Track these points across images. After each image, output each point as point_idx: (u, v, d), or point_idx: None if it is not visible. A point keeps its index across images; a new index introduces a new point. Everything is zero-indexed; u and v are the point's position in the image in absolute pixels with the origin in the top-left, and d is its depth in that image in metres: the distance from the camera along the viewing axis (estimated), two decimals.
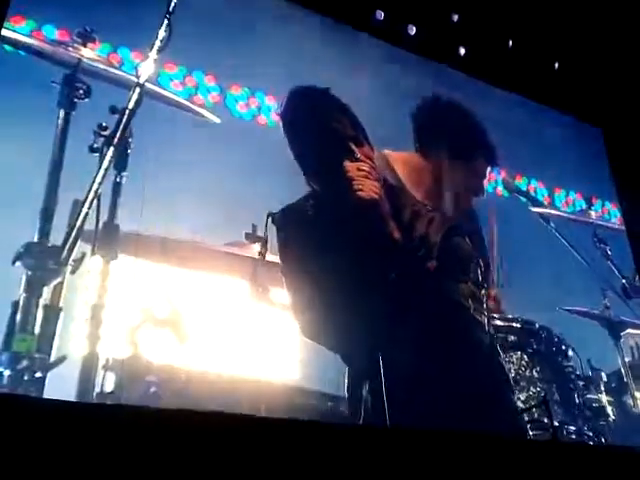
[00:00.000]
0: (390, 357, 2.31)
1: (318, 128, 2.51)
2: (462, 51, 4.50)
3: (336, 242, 2.37)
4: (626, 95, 4.39)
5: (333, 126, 2.49)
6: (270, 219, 2.51)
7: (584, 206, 4.75)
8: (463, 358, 2.41)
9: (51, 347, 2.12)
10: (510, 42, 4.59)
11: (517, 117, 4.50)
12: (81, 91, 2.58)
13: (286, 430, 1.43)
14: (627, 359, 3.92)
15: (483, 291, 2.54)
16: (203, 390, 2.40)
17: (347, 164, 2.42)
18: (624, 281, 3.98)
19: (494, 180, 4.47)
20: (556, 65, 4.62)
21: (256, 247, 2.75)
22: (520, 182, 4.51)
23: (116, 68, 2.85)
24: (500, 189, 4.53)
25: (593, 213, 4.21)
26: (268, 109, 3.76)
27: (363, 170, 2.41)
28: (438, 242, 2.44)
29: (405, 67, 4.43)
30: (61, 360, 2.13)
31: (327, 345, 2.49)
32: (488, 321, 2.53)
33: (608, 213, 4.83)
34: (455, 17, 4.20)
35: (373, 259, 2.34)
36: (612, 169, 4.65)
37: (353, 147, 2.48)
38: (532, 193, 4.60)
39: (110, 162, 2.44)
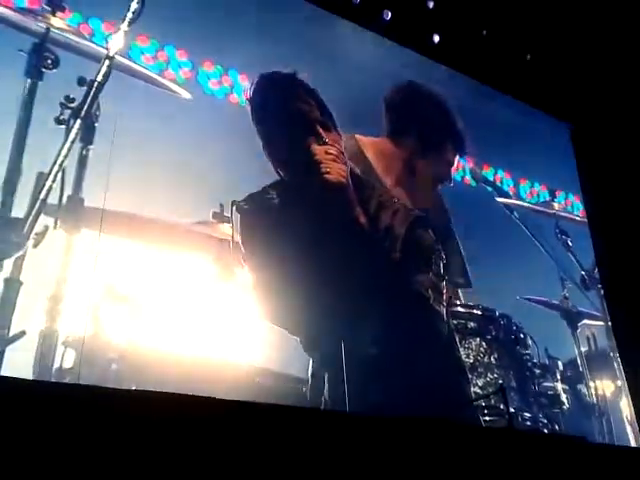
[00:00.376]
0: (351, 344, 2.34)
1: (286, 112, 2.51)
2: (436, 39, 4.50)
3: (301, 228, 2.37)
4: (595, 91, 4.45)
5: (301, 109, 2.50)
6: (234, 207, 2.51)
7: (547, 197, 4.82)
8: (422, 348, 2.44)
9: (10, 321, 2.09)
10: (484, 32, 4.61)
11: (486, 107, 4.54)
12: (49, 61, 2.52)
13: (247, 413, 1.43)
14: (583, 349, 4.02)
15: (444, 283, 2.57)
16: (165, 369, 2.39)
17: (315, 147, 2.43)
18: (583, 273, 4.07)
19: (462, 169, 4.52)
20: (528, 57, 4.66)
21: (223, 227, 2.74)
22: (487, 172, 4.56)
23: (86, 39, 2.78)
24: (468, 178, 4.57)
25: (556, 205, 4.27)
26: (241, 88, 3.71)
27: (331, 153, 2.42)
28: (402, 234, 2.46)
29: (379, 51, 4.42)
30: (20, 335, 2.10)
31: (290, 330, 2.50)
32: (447, 312, 2.57)
33: (571, 205, 4.92)
34: (431, 4, 4.20)
35: (338, 245, 2.35)
36: (577, 162, 4.72)
37: (320, 130, 2.49)
38: (498, 183, 4.66)
39: (76, 135, 2.41)
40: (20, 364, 2.09)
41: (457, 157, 3.70)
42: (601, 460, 1.81)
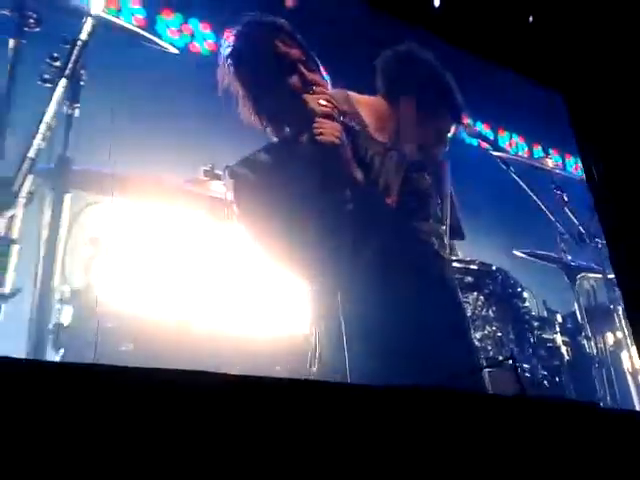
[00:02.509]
0: (351, 295, 2.33)
1: (268, 59, 2.47)
2: (437, 2, 4.44)
3: (297, 188, 2.35)
4: (584, 56, 4.42)
5: (279, 51, 2.46)
6: (228, 171, 2.49)
7: (542, 154, 4.80)
8: (430, 294, 2.43)
9: (5, 279, 2.08)
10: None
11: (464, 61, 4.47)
12: (31, 20, 2.48)
13: (242, 386, 1.40)
14: (582, 302, 4.02)
15: (443, 227, 2.55)
16: (164, 328, 2.39)
17: (306, 97, 2.39)
18: (580, 227, 4.06)
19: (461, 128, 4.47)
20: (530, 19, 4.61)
21: (215, 184, 2.72)
22: (504, 136, 4.53)
23: None
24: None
25: (550, 162, 4.26)
26: (202, 37, 3.59)
27: (323, 106, 2.38)
28: (399, 180, 2.44)
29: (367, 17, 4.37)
30: (15, 292, 2.09)
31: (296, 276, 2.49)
32: (450, 257, 2.55)
33: (550, 158, 4.91)
34: None
35: (335, 203, 2.33)
36: (571, 121, 4.70)
37: (303, 71, 2.44)
38: (514, 148, 4.64)
39: (62, 94, 2.38)
40: (16, 322, 2.08)
41: (453, 124, 3.68)
42: (614, 426, 1.79)
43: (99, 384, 1.24)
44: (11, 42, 2.44)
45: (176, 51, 2.75)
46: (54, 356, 2.15)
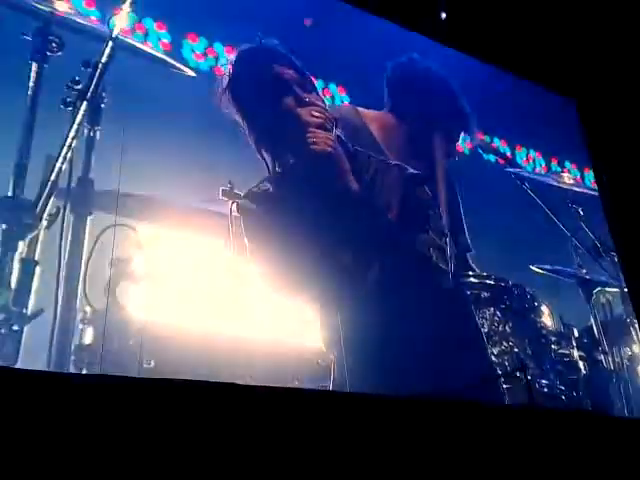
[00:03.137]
0: (353, 311, 2.35)
1: (260, 81, 2.51)
2: (443, 16, 4.47)
3: (298, 206, 2.38)
4: (596, 64, 4.43)
5: (275, 73, 2.50)
6: (235, 207, 2.55)
7: (559, 169, 4.80)
8: (429, 307, 2.44)
9: (27, 300, 2.12)
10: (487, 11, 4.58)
11: (481, 77, 4.49)
12: (54, 44, 2.54)
13: (260, 397, 1.42)
14: (599, 316, 4.00)
15: (446, 239, 2.56)
16: (183, 344, 2.42)
17: (299, 110, 2.43)
18: (596, 241, 4.06)
19: (476, 143, 4.48)
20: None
21: (233, 204, 2.76)
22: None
23: (90, 21, 2.80)
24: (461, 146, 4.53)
25: (566, 176, 4.26)
26: (227, 59, 3.62)
27: (316, 117, 2.41)
28: (399, 193, 2.46)
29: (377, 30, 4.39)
30: (38, 313, 2.13)
31: (298, 297, 2.52)
32: (451, 269, 2.54)
33: (568, 172, 4.89)
34: None
35: (334, 215, 2.35)
36: (586, 134, 4.70)
37: (298, 90, 2.48)
38: (531, 163, 4.64)
39: (83, 116, 2.43)
40: (39, 342, 2.11)
41: (461, 133, 3.70)
42: (625, 434, 1.79)
43: (119, 395, 1.27)
44: (33, 66, 2.49)
45: (193, 74, 2.79)
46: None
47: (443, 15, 3.81)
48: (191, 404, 1.33)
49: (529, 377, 3.20)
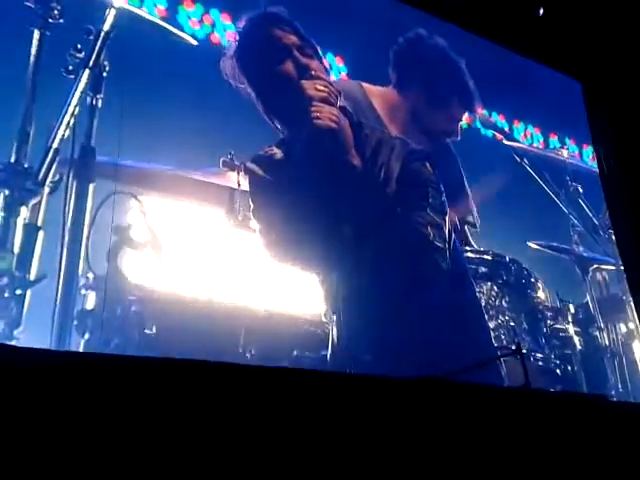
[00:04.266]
0: (355, 284, 2.36)
1: (266, 50, 2.51)
2: None
3: (300, 175, 2.39)
4: (601, 44, 4.40)
5: (279, 41, 2.49)
6: (242, 168, 2.55)
7: (557, 145, 4.80)
8: (424, 285, 2.45)
9: (30, 265, 2.14)
10: None
11: (480, 50, 4.47)
12: (55, 11, 2.52)
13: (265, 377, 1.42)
14: (595, 293, 4.04)
15: (445, 217, 2.55)
16: (185, 311, 2.45)
17: (303, 83, 2.42)
18: (594, 218, 4.08)
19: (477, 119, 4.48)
20: (541, 11, 4.58)
21: (234, 175, 2.77)
22: (519, 127, 4.54)
23: None
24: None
25: (565, 152, 4.26)
26: (223, 27, 3.59)
27: (321, 91, 2.40)
28: (398, 168, 2.45)
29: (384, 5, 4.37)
30: (41, 278, 2.15)
31: (302, 267, 2.54)
32: (449, 247, 2.53)
33: (567, 149, 4.89)
34: None
35: (334, 190, 2.36)
36: (588, 113, 4.70)
37: (301, 58, 2.47)
38: (529, 138, 4.65)
39: (85, 85, 2.43)
40: (42, 307, 2.14)
41: (465, 112, 3.70)
42: (622, 419, 1.79)
43: (114, 374, 1.27)
44: (35, 33, 2.49)
45: (195, 43, 2.79)
46: (79, 340, 2.21)
47: None
48: (191, 384, 1.33)
49: (530, 356, 3.25)
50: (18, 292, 2.08)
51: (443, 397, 1.54)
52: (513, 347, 3.20)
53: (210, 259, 2.61)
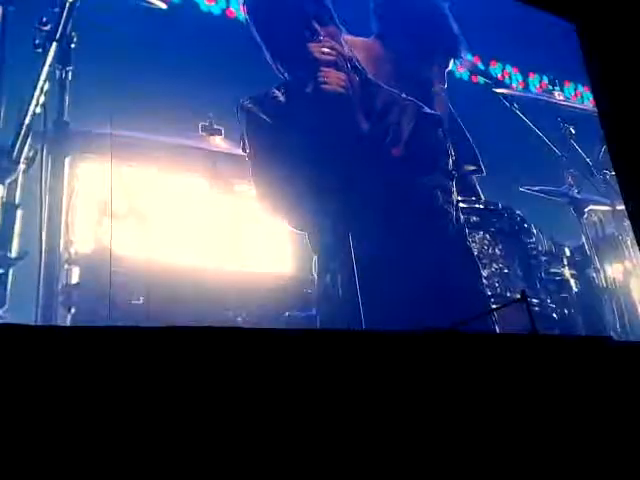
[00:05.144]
0: (358, 238, 2.36)
1: (279, 6, 2.49)
2: None
3: (305, 131, 2.37)
4: None
5: (293, 3, 2.48)
6: (239, 107, 2.52)
7: (556, 87, 4.71)
8: (430, 249, 2.46)
9: (11, 243, 2.14)
10: None
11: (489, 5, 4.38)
12: None
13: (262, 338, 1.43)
14: (590, 234, 4.01)
15: (453, 181, 2.56)
16: (172, 279, 2.45)
17: (311, 45, 2.40)
18: (588, 159, 4.04)
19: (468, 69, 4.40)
20: None
21: (214, 139, 2.74)
22: (495, 67, 4.44)
23: None
24: (476, 77, 4.46)
25: (557, 94, 4.19)
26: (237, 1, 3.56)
27: (328, 55, 2.38)
28: (408, 131, 2.45)
29: None
30: (23, 256, 2.16)
31: (297, 225, 2.54)
32: (456, 211, 2.57)
33: (581, 96, 4.79)
34: None
35: (340, 152, 2.35)
36: (585, 54, 4.61)
37: (315, 24, 2.45)
38: (507, 79, 4.55)
39: (53, 58, 2.40)
40: (25, 284, 2.15)
41: (450, 59, 3.62)
42: (627, 358, 1.79)
43: (107, 345, 1.28)
44: None
45: (164, 6, 2.73)
46: (66, 315, 2.23)
47: None
48: (187, 349, 1.34)
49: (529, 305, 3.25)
50: (0, 271, 2.10)
51: (453, 348, 1.55)
52: (518, 296, 3.22)
53: (195, 226, 2.60)
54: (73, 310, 2.20)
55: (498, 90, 3.96)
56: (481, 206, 3.44)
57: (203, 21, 2.89)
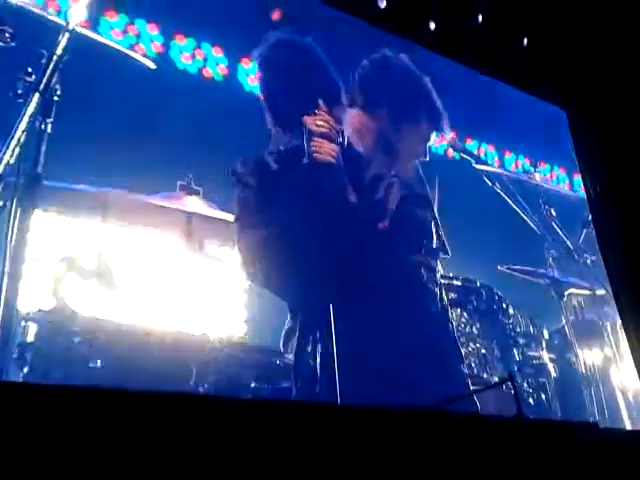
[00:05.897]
0: (341, 312, 2.31)
1: (295, 78, 2.53)
2: (432, 26, 4.43)
3: (294, 197, 2.37)
4: (587, 74, 4.40)
5: (309, 80, 2.52)
6: (231, 170, 2.52)
7: (532, 169, 4.77)
8: (415, 329, 2.42)
9: None
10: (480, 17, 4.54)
11: (469, 80, 4.47)
12: (6, 34, 2.47)
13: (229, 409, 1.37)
14: (570, 318, 3.97)
15: (436, 259, 2.57)
16: (132, 342, 2.36)
17: (305, 118, 2.44)
18: (568, 242, 4.03)
19: (445, 142, 4.47)
20: (525, 41, 4.59)
21: (192, 199, 2.71)
22: (471, 145, 4.51)
23: (49, 14, 2.73)
24: (451, 151, 4.52)
25: (537, 176, 4.22)
26: (215, 61, 3.61)
27: (322, 127, 2.42)
28: (393, 208, 2.46)
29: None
30: None
31: (278, 293, 2.49)
32: (440, 290, 2.56)
33: (557, 178, 4.86)
34: None
35: (327, 221, 2.33)
36: (574, 143, 4.68)
37: (321, 104, 2.50)
38: (482, 156, 4.61)
39: (35, 109, 2.37)
40: None
41: (433, 132, 3.66)
42: (614, 446, 1.76)
43: (64, 404, 1.21)
44: None
45: (153, 66, 2.74)
46: (18, 374, 2.12)
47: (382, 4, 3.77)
48: (145, 415, 1.26)
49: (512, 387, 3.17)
50: None
51: (437, 427, 1.50)
52: (504, 379, 3.14)
53: (160, 289, 2.53)
54: (26, 369, 2.10)
55: (479, 167, 3.97)
56: (459, 283, 3.41)
57: (182, 80, 2.91)
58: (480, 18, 4.37)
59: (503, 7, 4.39)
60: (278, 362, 2.64)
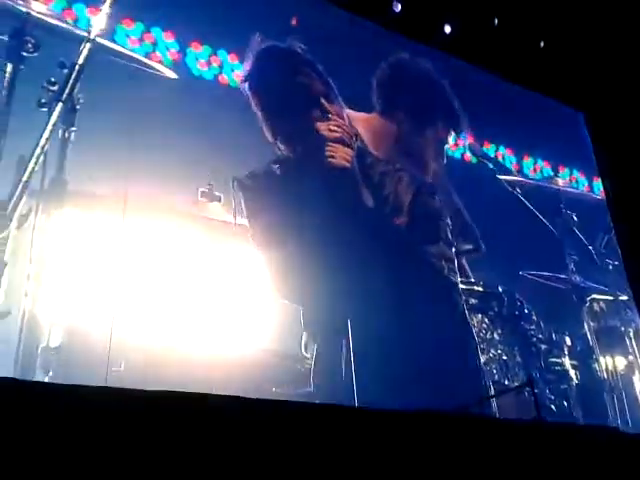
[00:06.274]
0: (361, 323, 2.31)
1: (287, 86, 2.52)
2: (448, 29, 4.45)
3: (307, 206, 2.37)
4: (606, 76, 4.38)
5: (302, 83, 2.51)
6: (235, 183, 2.52)
7: (551, 174, 4.74)
8: (440, 318, 2.41)
9: None
10: (496, 20, 4.55)
11: (487, 84, 4.47)
12: (29, 45, 2.52)
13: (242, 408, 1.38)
14: (592, 324, 3.93)
15: (453, 250, 2.55)
16: (156, 348, 2.38)
17: (318, 124, 2.44)
18: (590, 247, 4.00)
19: (462, 146, 4.45)
20: (541, 44, 4.59)
21: (213, 205, 2.73)
22: (488, 149, 4.50)
23: (67, 23, 2.78)
24: (468, 155, 4.51)
25: (560, 180, 4.19)
26: (230, 68, 3.64)
27: (335, 132, 2.42)
28: (408, 200, 2.46)
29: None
30: (5, 314, 2.10)
31: (297, 302, 2.50)
32: (460, 280, 2.55)
33: (576, 181, 4.82)
34: None
35: (345, 226, 2.34)
36: (594, 145, 4.65)
37: (324, 103, 2.49)
38: (500, 160, 4.58)
39: (58, 118, 2.41)
40: (5, 343, 2.08)
41: (451, 135, 3.66)
42: (634, 450, 1.75)
43: (87, 405, 1.23)
44: (8, 66, 2.47)
45: (175, 76, 2.77)
46: (42, 378, 2.15)
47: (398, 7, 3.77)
48: (165, 416, 1.27)
49: (522, 393, 3.14)
50: None
51: (455, 431, 1.49)
52: (524, 383, 3.12)
53: (186, 295, 2.55)
54: (51, 373, 2.13)
55: (501, 177, 3.95)
56: (480, 288, 3.38)
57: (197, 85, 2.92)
58: (496, 21, 4.40)
59: (519, 10, 4.40)
60: (300, 367, 2.65)
